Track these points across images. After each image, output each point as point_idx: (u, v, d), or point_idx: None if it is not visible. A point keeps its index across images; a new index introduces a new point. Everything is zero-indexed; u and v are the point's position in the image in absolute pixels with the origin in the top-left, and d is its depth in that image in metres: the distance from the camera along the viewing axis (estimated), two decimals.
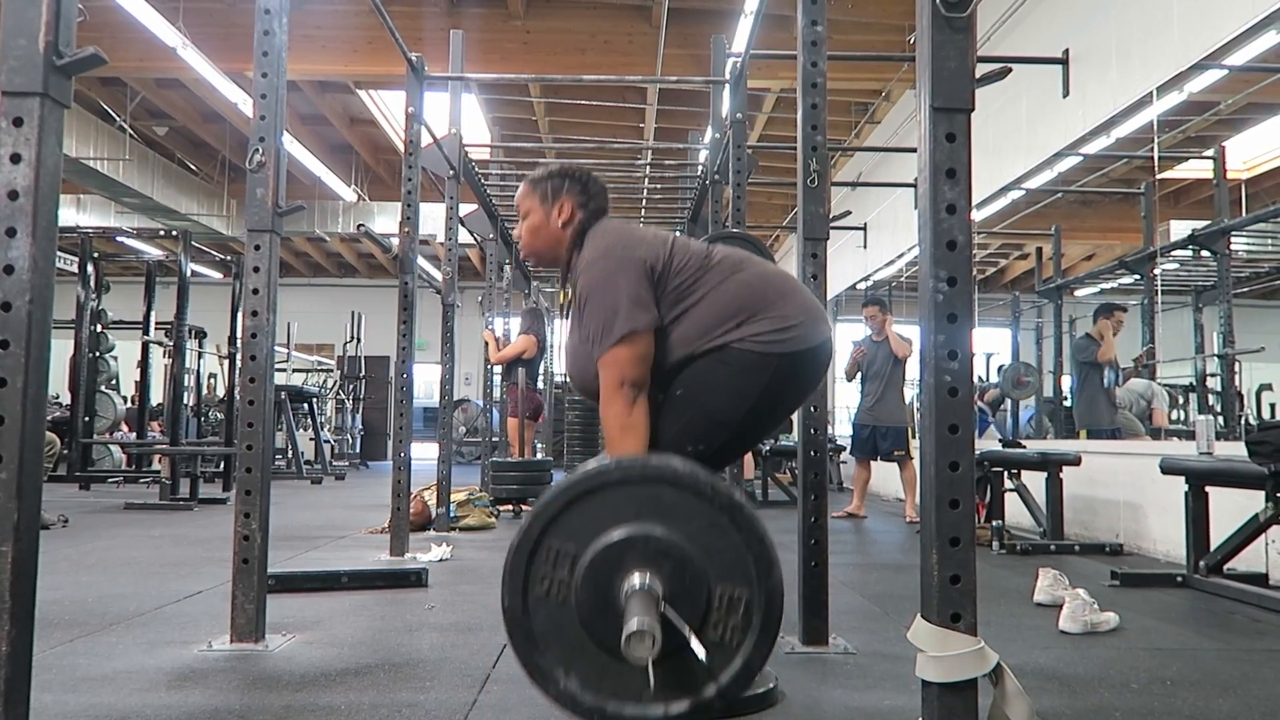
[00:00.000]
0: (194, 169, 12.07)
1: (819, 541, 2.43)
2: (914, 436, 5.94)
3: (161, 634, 2.46)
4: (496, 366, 7.44)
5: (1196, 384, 6.90)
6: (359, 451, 14.09)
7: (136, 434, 8.71)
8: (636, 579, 1.43)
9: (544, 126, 9.76)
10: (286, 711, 1.81)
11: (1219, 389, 6.37)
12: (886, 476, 7.69)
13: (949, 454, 1.29)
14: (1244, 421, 6.54)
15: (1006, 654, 1.55)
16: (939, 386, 1.30)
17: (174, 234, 8.08)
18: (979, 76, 1.36)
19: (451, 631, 2.56)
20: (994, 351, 10.27)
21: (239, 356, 2.66)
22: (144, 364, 8.47)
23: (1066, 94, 5.15)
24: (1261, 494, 3.13)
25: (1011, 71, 4.56)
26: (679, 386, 1.86)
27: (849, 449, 6.69)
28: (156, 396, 10.34)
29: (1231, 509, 3.40)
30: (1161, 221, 6.89)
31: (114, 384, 9.29)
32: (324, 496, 7.63)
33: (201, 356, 9.50)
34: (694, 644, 1.41)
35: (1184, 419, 7.75)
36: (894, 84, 7.99)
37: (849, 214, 8.24)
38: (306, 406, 10.71)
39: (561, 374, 13.47)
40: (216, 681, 2.01)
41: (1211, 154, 6.03)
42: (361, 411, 14.25)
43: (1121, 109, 4.81)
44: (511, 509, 5.96)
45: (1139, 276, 6.72)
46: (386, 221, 12.22)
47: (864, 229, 9.10)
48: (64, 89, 1.41)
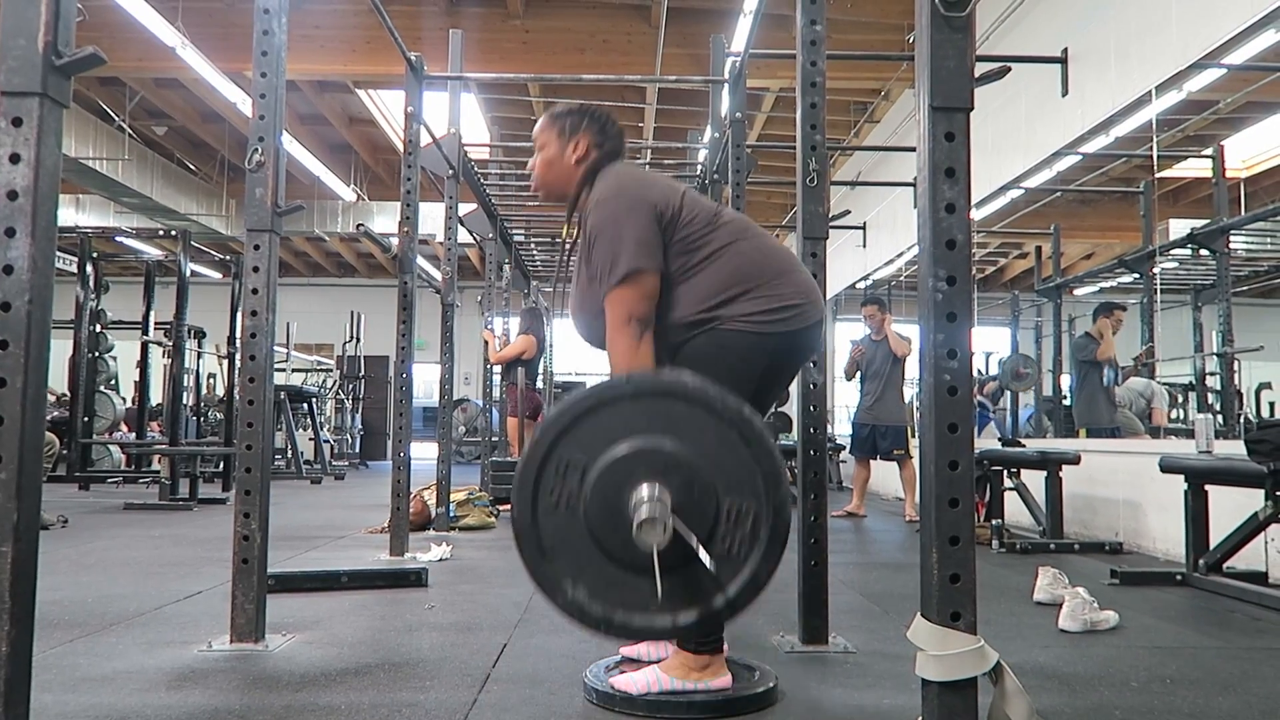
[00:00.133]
0: (193, 169, 12.06)
1: (819, 540, 2.44)
2: (913, 435, 5.94)
3: (161, 634, 2.46)
4: (496, 366, 7.45)
5: (1196, 383, 6.91)
6: (358, 451, 14.08)
7: (136, 434, 8.71)
8: (645, 490, 1.44)
9: None
10: (286, 711, 1.81)
11: (1218, 387, 6.38)
12: (886, 476, 7.69)
13: (948, 453, 1.29)
14: (1243, 420, 6.53)
15: (1006, 653, 1.56)
16: (938, 385, 1.30)
17: (173, 234, 8.08)
18: (978, 76, 1.36)
19: (451, 631, 2.56)
20: (993, 350, 10.27)
21: (238, 356, 2.66)
22: (143, 364, 8.46)
23: (1065, 93, 5.16)
24: (1261, 492, 3.14)
25: (1010, 71, 4.55)
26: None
27: (848, 448, 6.69)
28: (156, 396, 10.34)
29: (1231, 507, 3.40)
30: (1160, 220, 6.89)
31: (113, 384, 9.29)
32: (323, 496, 7.63)
33: (201, 356, 9.49)
34: (702, 554, 1.42)
35: (1183, 418, 7.76)
36: (893, 83, 7.99)
37: (848, 213, 8.27)
38: (306, 406, 10.71)
39: (562, 373, 13.50)
40: (216, 681, 2.01)
41: (1210, 153, 6.03)
42: (361, 411, 14.24)
43: (1120, 108, 4.81)
44: (511, 509, 5.96)
45: (1138, 275, 6.72)
46: (386, 221, 12.22)
47: (863, 228, 9.11)
48: (63, 89, 1.41)
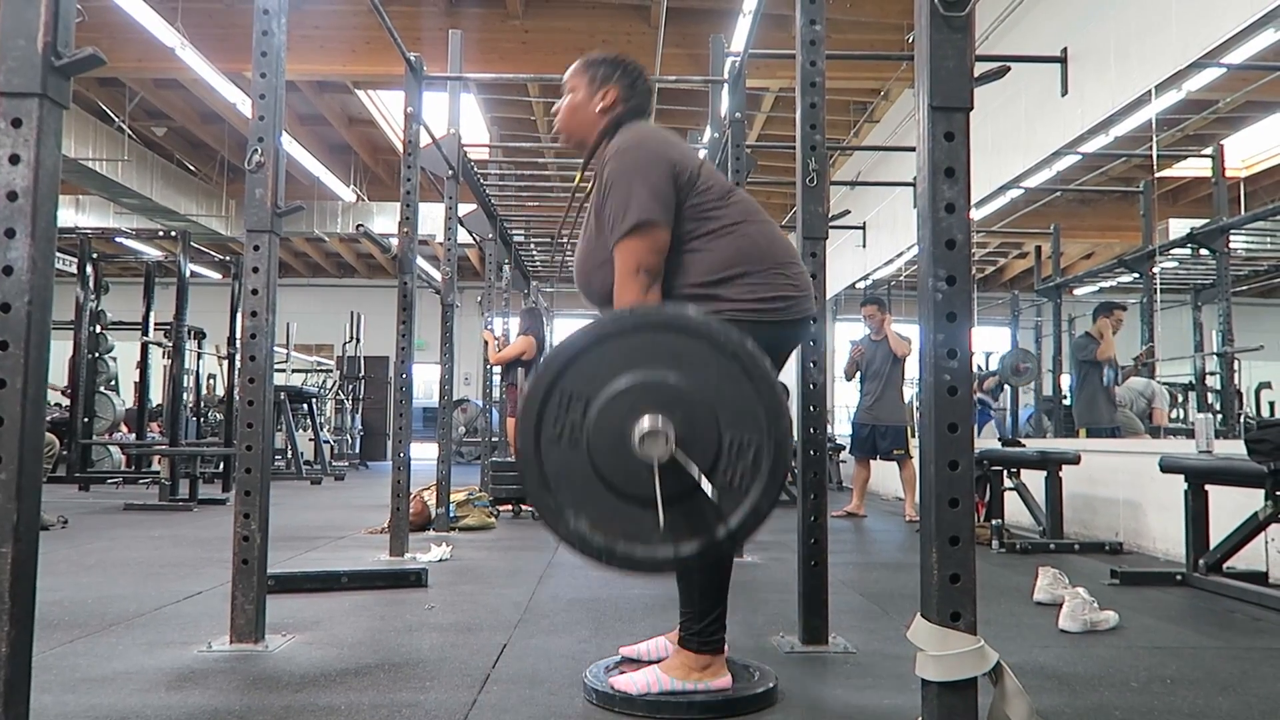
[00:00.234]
0: (193, 169, 12.06)
1: (818, 541, 2.44)
2: (913, 435, 5.94)
3: (161, 634, 2.46)
4: (496, 367, 7.45)
5: (1196, 382, 6.91)
6: (358, 452, 14.07)
7: (136, 435, 8.71)
8: (648, 422, 1.45)
9: (543, 126, 9.76)
10: (286, 712, 1.81)
11: (1218, 387, 6.38)
12: (886, 475, 7.69)
13: (948, 453, 1.29)
14: (1243, 420, 6.53)
15: (1006, 653, 1.56)
16: (938, 385, 1.30)
17: (173, 234, 8.08)
18: (977, 75, 1.36)
19: (451, 631, 2.56)
20: (993, 350, 10.28)
21: (238, 357, 2.66)
22: (143, 365, 8.47)
23: (1065, 93, 5.16)
24: (1261, 492, 3.14)
25: (1010, 70, 4.55)
26: None
27: (848, 448, 6.69)
28: (156, 397, 10.34)
29: (1231, 507, 3.40)
30: (1160, 220, 6.89)
31: (113, 385, 9.29)
32: (323, 497, 7.63)
33: (201, 357, 9.49)
34: (704, 484, 1.43)
35: (1183, 417, 7.76)
36: (893, 83, 7.99)
37: (848, 213, 8.27)
38: (306, 407, 10.71)
39: None
40: (216, 682, 2.01)
41: (1210, 152, 6.04)
42: (361, 412, 14.24)
43: (1120, 107, 4.81)
44: (511, 509, 5.96)
45: (1138, 275, 6.72)
46: (385, 222, 12.22)
47: (863, 228, 9.11)
48: (62, 90, 1.41)
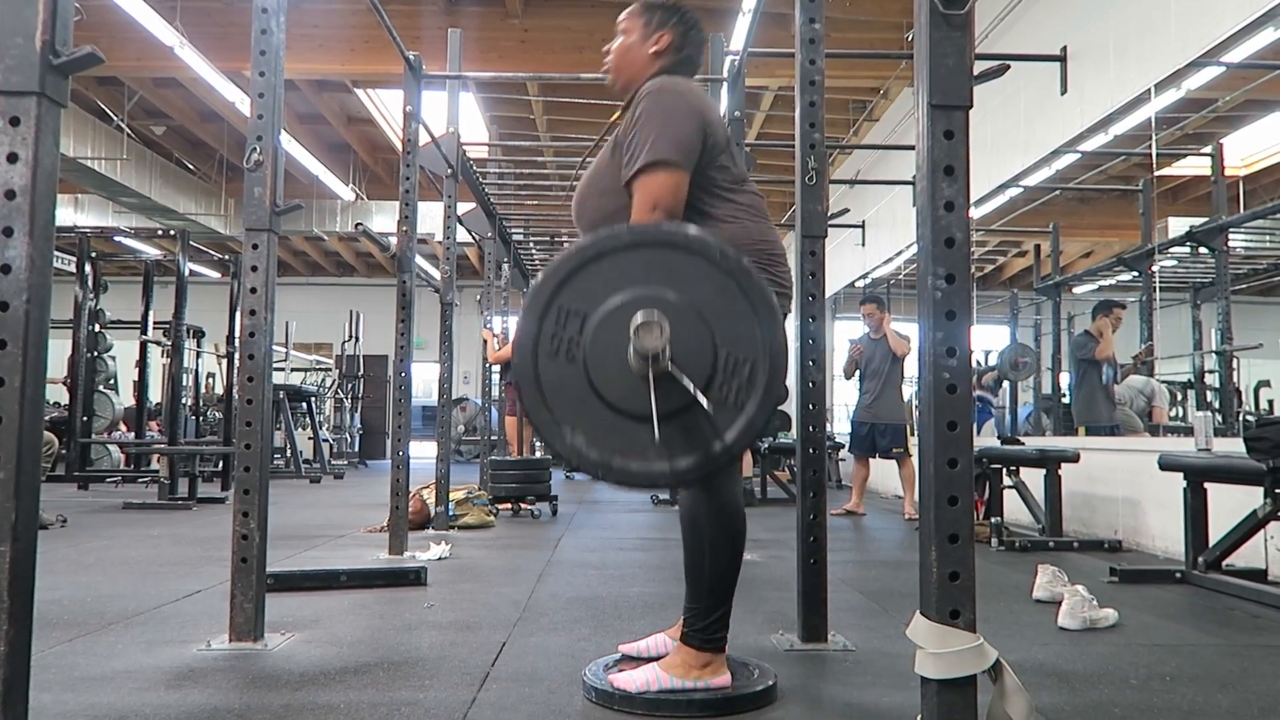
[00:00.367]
0: (192, 168, 12.06)
1: (818, 539, 2.44)
2: (913, 434, 5.95)
3: (160, 633, 2.46)
4: (494, 365, 7.45)
5: (1195, 380, 6.90)
6: (357, 450, 14.08)
7: (135, 434, 8.71)
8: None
9: (542, 125, 9.75)
10: (286, 710, 1.81)
11: (1217, 385, 6.37)
12: (885, 474, 7.70)
13: (948, 451, 1.29)
14: (1242, 418, 6.54)
15: (1006, 650, 1.56)
16: (938, 384, 1.30)
17: (172, 233, 8.09)
18: (977, 74, 1.36)
19: (451, 630, 2.56)
20: (992, 349, 10.27)
21: (237, 356, 2.66)
22: (142, 363, 8.47)
23: (1064, 91, 5.16)
24: (1260, 490, 3.14)
25: (1009, 69, 4.52)
26: None
27: (848, 446, 6.70)
28: (155, 396, 10.34)
29: (1230, 505, 3.40)
30: (1159, 218, 6.89)
31: (112, 384, 9.28)
32: (323, 495, 7.63)
33: (200, 356, 9.49)
34: (700, 398, 1.44)
35: (1182, 415, 7.76)
36: (892, 81, 7.99)
37: (847, 211, 8.25)
38: (305, 406, 10.71)
39: None
40: (215, 681, 2.01)
41: (1209, 151, 6.03)
42: (360, 410, 14.25)
43: (1119, 106, 4.81)
44: (510, 507, 5.96)
45: (1137, 273, 6.71)
46: (384, 220, 12.22)
47: (862, 227, 9.10)
48: (61, 88, 1.41)
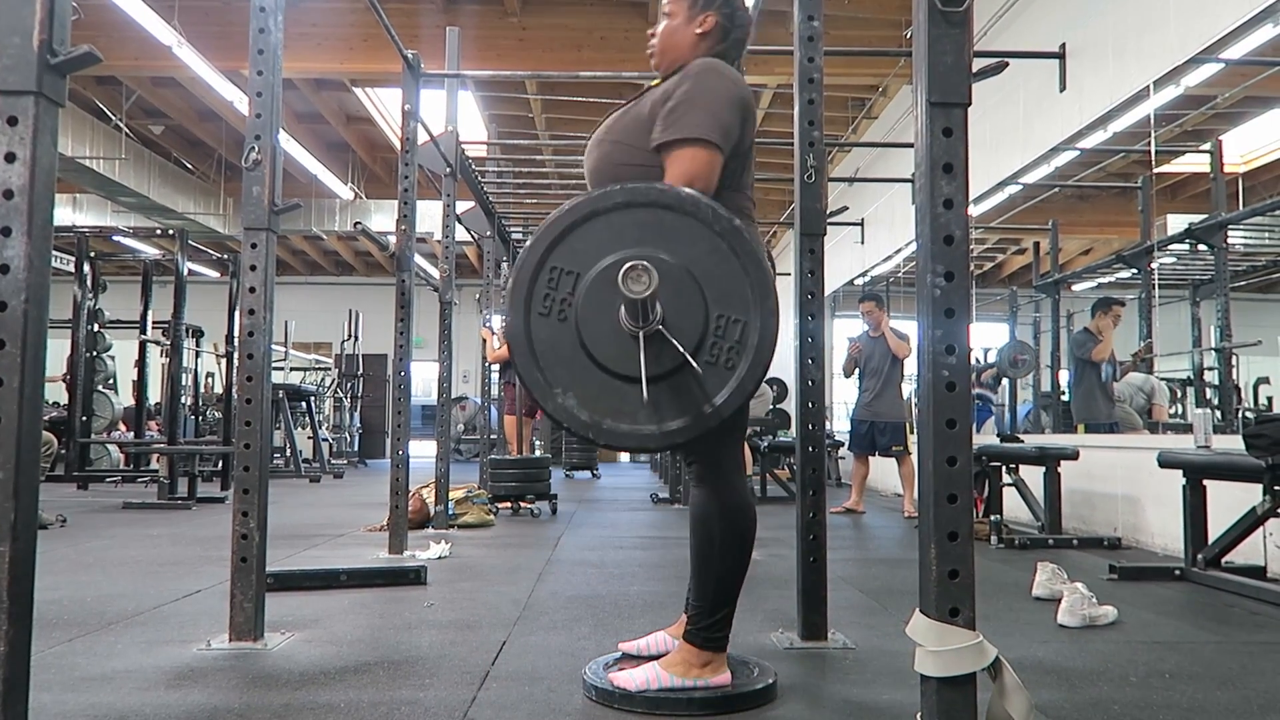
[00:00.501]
0: (190, 168, 12.05)
1: (817, 537, 2.44)
2: (912, 432, 5.95)
3: (160, 633, 2.46)
4: (494, 364, 7.44)
5: (1194, 378, 6.91)
6: (357, 450, 14.08)
7: (134, 433, 8.70)
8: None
9: (541, 123, 9.75)
10: (286, 710, 1.81)
11: (1216, 383, 6.38)
12: (885, 472, 7.70)
13: (947, 449, 1.29)
14: (1241, 415, 6.54)
15: (1005, 648, 1.56)
16: (937, 381, 1.30)
17: (170, 233, 8.08)
18: (975, 71, 1.36)
19: (451, 629, 2.56)
20: (991, 346, 10.28)
21: (236, 355, 2.66)
22: (141, 363, 8.46)
23: (1063, 88, 5.15)
24: (1259, 487, 3.14)
25: (1008, 66, 4.53)
26: None
27: (847, 444, 6.70)
28: (154, 396, 10.33)
29: (1229, 502, 3.40)
30: (1158, 216, 6.88)
31: (111, 383, 9.28)
32: (322, 495, 7.63)
33: (199, 355, 9.49)
34: (690, 360, 1.44)
35: (1181, 413, 7.76)
36: (891, 79, 7.98)
37: (846, 209, 8.25)
38: (304, 405, 10.71)
39: None
40: (215, 680, 2.01)
41: (1208, 148, 6.02)
42: (359, 410, 14.24)
43: (1118, 103, 4.81)
44: (510, 506, 5.96)
45: (1136, 271, 6.71)
46: (383, 219, 12.21)
47: (861, 224, 9.10)
48: (58, 88, 1.41)
